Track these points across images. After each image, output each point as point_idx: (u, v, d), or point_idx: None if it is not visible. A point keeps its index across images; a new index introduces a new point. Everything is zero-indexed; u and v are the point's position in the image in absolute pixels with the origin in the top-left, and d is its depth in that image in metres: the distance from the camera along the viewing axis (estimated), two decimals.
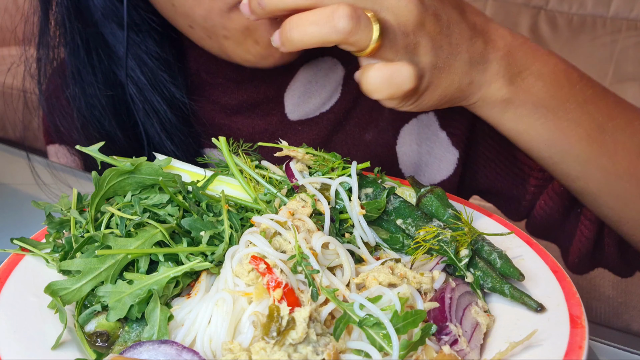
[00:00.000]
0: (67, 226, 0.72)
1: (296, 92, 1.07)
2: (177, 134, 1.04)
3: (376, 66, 0.66)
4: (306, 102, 1.08)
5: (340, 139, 1.08)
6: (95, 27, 0.99)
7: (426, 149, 1.07)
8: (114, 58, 1.01)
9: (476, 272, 0.67)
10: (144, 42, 1.00)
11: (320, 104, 1.08)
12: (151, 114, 1.02)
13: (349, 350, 0.57)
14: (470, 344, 0.59)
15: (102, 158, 0.71)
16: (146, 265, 0.64)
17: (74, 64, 1.02)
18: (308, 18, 0.63)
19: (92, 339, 0.61)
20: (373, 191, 0.74)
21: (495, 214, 0.79)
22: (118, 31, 0.98)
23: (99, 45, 1.00)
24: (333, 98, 1.08)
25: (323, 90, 1.08)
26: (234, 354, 0.54)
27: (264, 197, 0.73)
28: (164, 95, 1.02)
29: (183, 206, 0.69)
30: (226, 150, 0.76)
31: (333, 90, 1.08)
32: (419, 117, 1.06)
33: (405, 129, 1.07)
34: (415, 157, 1.08)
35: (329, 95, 1.08)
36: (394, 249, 0.71)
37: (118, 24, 0.98)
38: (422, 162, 1.07)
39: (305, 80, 1.07)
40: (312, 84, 1.07)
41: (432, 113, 1.04)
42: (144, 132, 1.02)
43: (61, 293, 0.61)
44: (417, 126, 1.06)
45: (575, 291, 0.63)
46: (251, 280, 0.60)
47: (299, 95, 1.07)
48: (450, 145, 1.04)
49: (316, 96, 1.08)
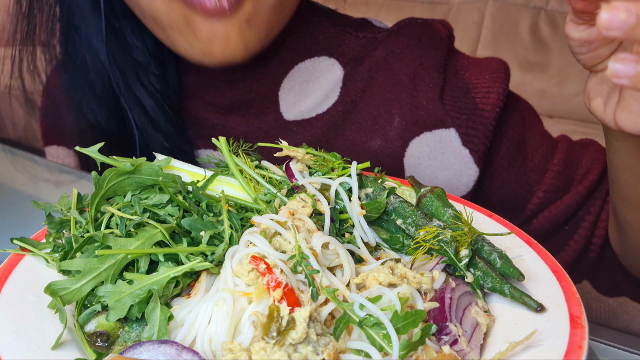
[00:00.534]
0: (67, 226, 0.72)
1: (291, 91, 1.07)
2: (162, 122, 1.05)
3: None
4: (301, 101, 1.07)
5: (341, 144, 1.07)
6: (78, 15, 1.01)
7: (442, 164, 1.05)
8: (96, 45, 1.03)
9: (476, 272, 0.66)
10: (125, 30, 1.03)
11: (316, 104, 1.07)
12: (134, 99, 1.03)
13: (349, 350, 0.57)
14: (470, 344, 0.59)
15: (102, 158, 0.71)
16: (146, 265, 0.64)
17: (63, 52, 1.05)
18: None
19: (92, 339, 0.61)
20: (373, 191, 0.74)
21: (495, 215, 0.79)
22: (98, 18, 1.01)
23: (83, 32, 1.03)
24: (330, 99, 1.07)
25: (319, 90, 1.07)
26: (234, 354, 0.54)
27: (264, 197, 0.73)
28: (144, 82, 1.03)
29: (183, 206, 0.69)
30: (226, 150, 0.76)
31: (330, 90, 1.07)
32: (434, 131, 1.03)
33: (416, 142, 1.04)
34: (426, 170, 1.06)
35: (325, 95, 1.07)
36: (394, 249, 0.71)
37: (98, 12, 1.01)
38: (435, 176, 1.06)
39: (301, 79, 1.07)
40: (309, 83, 1.07)
41: (453, 129, 1.02)
42: (132, 117, 1.04)
43: (61, 293, 0.61)
44: (433, 140, 1.04)
45: (575, 291, 0.63)
46: (251, 280, 0.60)
47: (294, 94, 1.07)
48: (472, 163, 1.03)
49: (312, 96, 1.07)
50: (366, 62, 1.07)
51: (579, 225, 1.02)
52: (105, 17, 0.99)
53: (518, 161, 1.04)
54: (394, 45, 1.07)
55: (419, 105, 1.03)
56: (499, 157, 1.04)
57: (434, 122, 1.03)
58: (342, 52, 1.09)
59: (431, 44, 1.05)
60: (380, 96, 1.05)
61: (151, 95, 1.04)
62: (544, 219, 1.03)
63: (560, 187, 1.02)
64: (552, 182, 1.02)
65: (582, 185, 1.00)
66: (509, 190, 1.05)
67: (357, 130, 1.07)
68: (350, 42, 1.09)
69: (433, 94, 1.02)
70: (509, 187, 1.05)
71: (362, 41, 1.09)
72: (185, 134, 1.10)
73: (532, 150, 1.04)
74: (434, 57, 1.04)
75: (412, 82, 1.03)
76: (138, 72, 1.04)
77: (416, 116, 1.03)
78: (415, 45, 1.05)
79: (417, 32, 1.07)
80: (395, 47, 1.06)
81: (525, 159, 1.04)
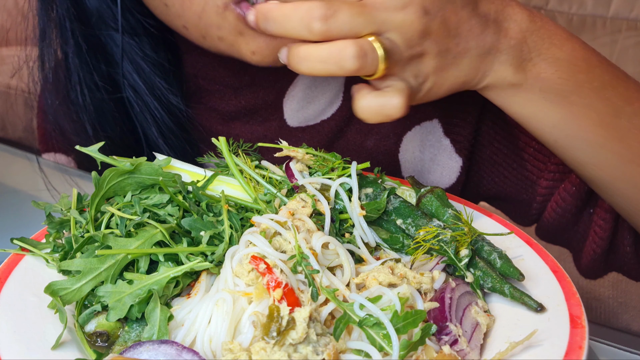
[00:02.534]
0: (67, 226, 0.72)
1: (295, 98, 1.07)
2: (174, 140, 1.03)
3: (367, 98, 0.66)
4: (305, 107, 1.07)
5: (341, 146, 1.07)
6: (93, 30, 0.99)
7: (429, 156, 1.06)
8: (111, 61, 1.01)
9: (476, 272, 0.67)
10: (140, 46, 1.00)
11: (320, 111, 1.07)
12: (149, 118, 1.01)
13: (349, 350, 0.57)
14: (470, 344, 0.59)
15: (102, 158, 0.71)
16: (146, 265, 0.64)
17: (73, 66, 1.02)
18: (316, 55, 0.63)
19: (92, 339, 0.61)
20: (373, 191, 0.74)
21: (496, 214, 0.79)
22: (114, 34, 0.98)
23: (97, 47, 1.00)
24: (334, 105, 1.07)
25: (323, 97, 1.07)
26: (234, 354, 0.54)
27: (264, 197, 0.73)
28: (162, 100, 1.01)
29: (183, 206, 0.69)
30: (226, 150, 0.76)
31: (334, 96, 1.07)
32: (422, 124, 1.04)
33: (408, 136, 1.06)
34: (418, 164, 1.06)
35: (329, 101, 1.07)
36: (394, 249, 0.71)
37: (114, 27, 0.98)
38: (424, 169, 1.06)
39: (305, 86, 1.07)
40: (312, 89, 1.07)
41: (436, 120, 1.03)
42: (143, 136, 1.02)
43: (61, 293, 0.61)
44: (420, 133, 1.05)
45: (575, 291, 0.63)
46: (251, 280, 0.60)
47: (298, 101, 1.07)
48: (453, 153, 1.03)
49: (316, 102, 1.07)
50: None
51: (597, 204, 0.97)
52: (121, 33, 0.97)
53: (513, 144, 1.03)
54: None
55: None
56: (487, 143, 1.04)
57: (421, 116, 1.04)
58: None
59: None
60: None
61: (168, 113, 1.02)
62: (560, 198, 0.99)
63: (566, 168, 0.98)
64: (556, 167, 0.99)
65: None
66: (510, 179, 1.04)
67: (356, 132, 1.07)
68: None
69: None
70: (510, 175, 1.04)
71: None
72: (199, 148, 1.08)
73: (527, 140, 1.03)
74: None
75: None
76: (154, 90, 1.01)
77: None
78: None
79: None
80: None
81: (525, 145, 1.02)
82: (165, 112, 1.01)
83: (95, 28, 0.98)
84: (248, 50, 0.84)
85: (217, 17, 0.82)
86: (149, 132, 1.02)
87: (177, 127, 1.03)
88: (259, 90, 1.05)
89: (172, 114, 1.02)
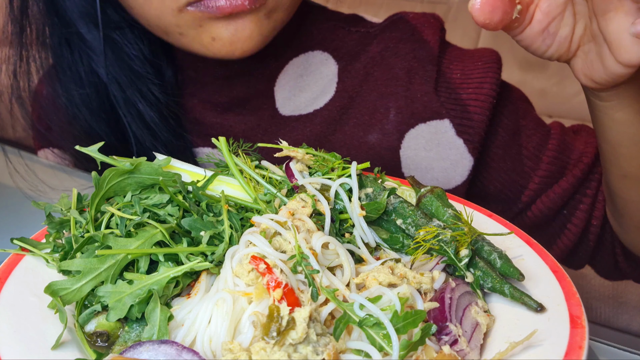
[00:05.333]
0: (67, 226, 0.72)
1: (286, 86, 1.07)
2: (162, 133, 1.04)
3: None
4: (297, 95, 1.07)
5: (339, 139, 1.08)
6: (74, 26, 1.00)
7: (438, 155, 1.06)
8: (93, 57, 1.02)
9: (476, 272, 0.66)
10: (122, 40, 1.02)
11: (312, 99, 1.08)
12: (134, 112, 1.03)
13: (349, 350, 0.57)
14: (470, 344, 0.59)
15: (102, 158, 0.71)
16: (146, 265, 0.64)
17: (56, 63, 1.04)
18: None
19: (92, 339, 0.61)
20: (373, 191, 0.74)
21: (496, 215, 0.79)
22: (94, 30, 1.00)
23: (78, 44, 1.02)
24: (327, 94, 1.07)
25: (315, 85, 1.08)
26: (234, 354, 0.54)
27: (264, 197, 0.73)
28: (145, 94, 1.03)
29: (183, 206, 0.69)
30: (226, 150, 0.76)
31: (326, 85, 1.08)
32: (428, 122, 1.05)
33: (411, 134, 1.05)
34: (422, 162, 1.07)
35: (321, 90, 1.07)
36: (394, 249, 0.71)
37: (94, 23, 0.99)
38: (431, 167, 1.07)
39: (295, 74, 1.07)
40: (303, 77, 1.07)
41: (447, 120, 1.03)
42: (131, 131, 1.03)
43: (61, 293, 0.61)
44: (427, 132, 1.05)
45: (575, 291, 0.63)
46: (251, 280, 0.60)
47: (289, 89, 1.07)
48: (466, 152, 1.04)
49: (307, 90, 1.08)
50: (362, 58, 1.08)
51: (576, 207, 1.03)
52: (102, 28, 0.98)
53: (513, 150, 1.05)
54: (388, 40, 1.08)
55: (414, 98, 1.04)
56: (495, 147, 1.05)
57: (429, 114, 1.04)
58: (336, 46, 1.10)
59: (424, 38, 1.06)
60: (377, 91, 1.07)
61: (151, 105, 1.03)
62: (542, 204, 1.04)
63: (556, 173, 1.03)
64: (548, 167, 1.03)
65: (578, 169, 1.01)
66: (506, 179, 1.06)
67: (355, 126, 1.08)
68: (344, 37, 1.10)
69: (428, 86, 1.04)
70: (506, 176, 1.06)
71: (356, 35, 1.10)
72: (185, 140, 1.09)
73: (526, 138, 1.05)
74: (427, 50, 1.05)
75: (407, 76, 1.05)
76: (137, 83, 1.02)
77: (412, 109, 1.04)
78: (409, 39, 1.07)
79: (410, 26, 1.08)
80: (389, 42, 1.08)
81: (520, 148, 1.05)
82: (149, 105, 1.03)
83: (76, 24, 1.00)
84: (208, 37, 0.88)
85: (174, 18, 0.87)
86: (135, 128, 1.03)
87: (163, 120, 1.04)
88: (250, 79, 1.06)
89: (157, 107, 1.03)
